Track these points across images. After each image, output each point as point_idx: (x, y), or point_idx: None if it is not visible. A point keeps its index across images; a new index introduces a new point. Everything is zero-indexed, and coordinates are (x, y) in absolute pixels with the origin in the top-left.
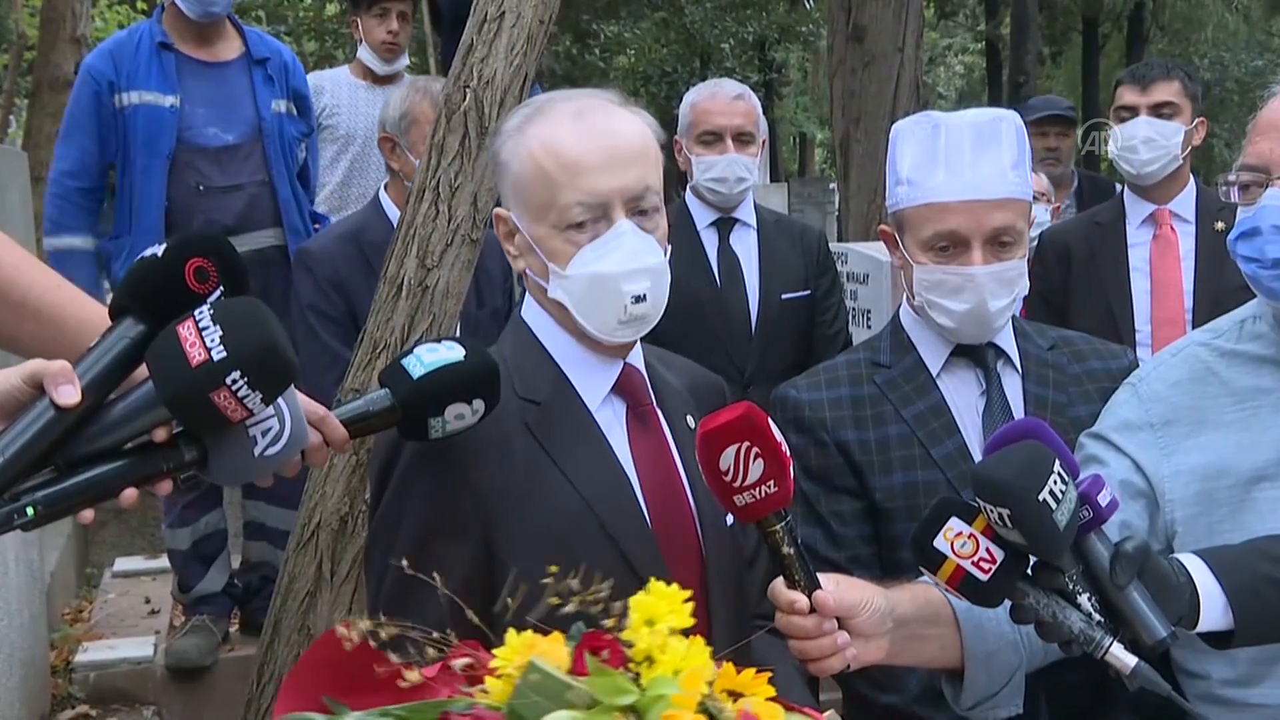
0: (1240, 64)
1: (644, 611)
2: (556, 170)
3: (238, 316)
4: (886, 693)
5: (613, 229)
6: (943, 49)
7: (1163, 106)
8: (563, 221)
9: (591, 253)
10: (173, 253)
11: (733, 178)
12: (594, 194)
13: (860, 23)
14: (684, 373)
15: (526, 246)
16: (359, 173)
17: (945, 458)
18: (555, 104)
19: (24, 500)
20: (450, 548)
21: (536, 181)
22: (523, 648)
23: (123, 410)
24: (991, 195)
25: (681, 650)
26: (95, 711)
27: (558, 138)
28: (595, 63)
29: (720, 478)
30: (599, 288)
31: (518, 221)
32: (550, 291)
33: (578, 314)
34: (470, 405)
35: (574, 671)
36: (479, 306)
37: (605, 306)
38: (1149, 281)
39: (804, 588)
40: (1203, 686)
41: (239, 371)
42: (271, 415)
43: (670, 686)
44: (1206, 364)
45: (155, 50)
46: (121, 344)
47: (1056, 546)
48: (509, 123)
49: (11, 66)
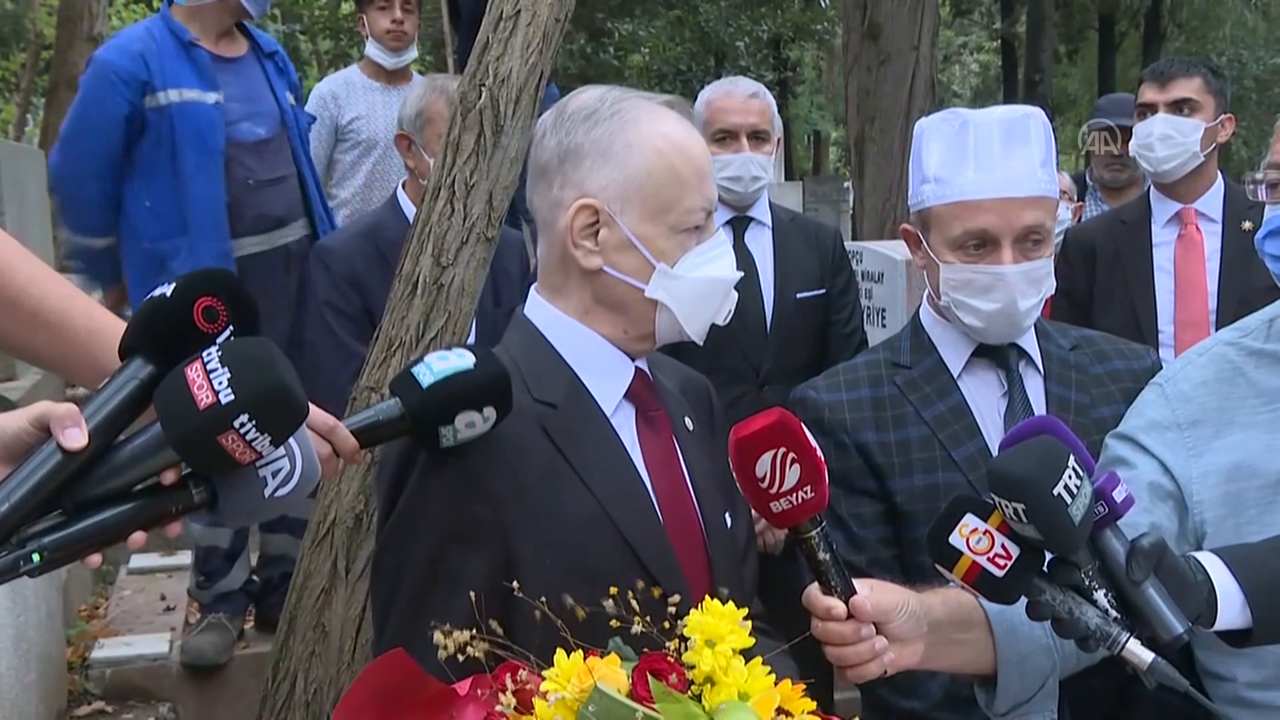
0: (1259, 61)
1: (704, 631)
2: (688, 172)
3: (246, 358)
4: (908, 698)
5: (716, 235)
6: (958, 47)
7: (1181, 104)
8: (683, 224)
9: (700, 256)
10: (181, 292)
11: (747, 176)
12: (711, 200)
13: (875, 21)
14: (673, 374)
15: (623, 243)
16: (381, 177)
17: (967, 460)
18: (648, 102)
19: (30, 546)
20: (467, 556)
21: (666, 181)
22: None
23: (131, 452)
24: (1022, 193)
25: (743, 671)
26: (111, 708)
27: (683, 139)
28: (609, 61)
29: (756, 484)
30: (711, 290)
31: (617, 216)
32: (649, 291)
33: (680, 315)
34: (481, 413)
35: (635, 695)
36: (495, 305)
37: (711, 308)
38: (1173, 281)
39: (840, 594)
40: (1229, 689)
41: (247, 415)
42: (282, 456)
43: (747, 712)
44: (1234, 364)
45: (183, 48)
46: (130, 385)
47: (1072, 541)
48: (620, 115)
49: (29, 65)
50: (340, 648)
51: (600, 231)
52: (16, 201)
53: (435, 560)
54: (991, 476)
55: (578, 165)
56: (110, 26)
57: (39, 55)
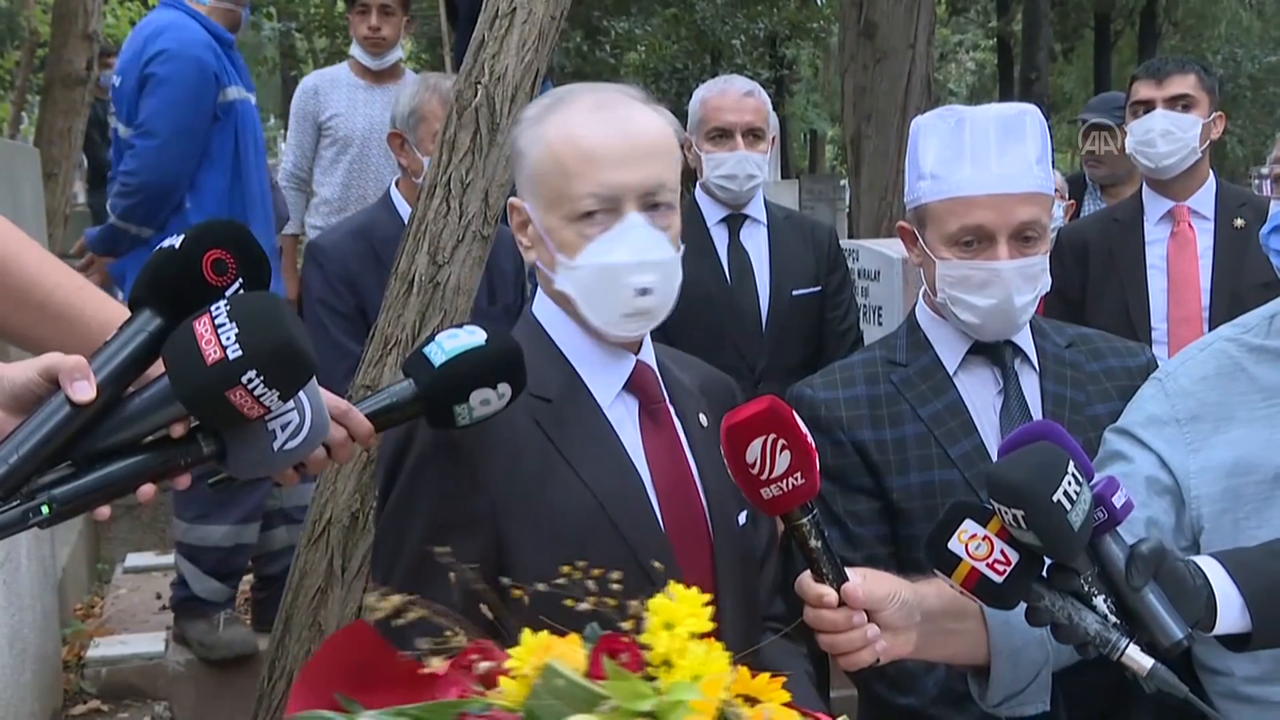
0: (1254, 60)
1: (663, 615)
2: (572, 160)
3: (254, 313)
4: (904, 694)
5: (622, 221)
6: (954, 45)
7: (1178, 100)
8: (574, 212)
9: (599, 245)
10: (190, 244)
11: (743, 175)
12: (607, 186)
13: (872, 19)
14: (695, 372)
15: (538, 237)
16: (358, 174)
17: (962, 457)
18: (576, 95)
19: (40, 499)
20: (460, 544)
21: (552, 171)
22: (539, 649)
23: (139, 405)
24: (1017, 189)
25: (700, 655)
26: (107, 706)
27: (576, 128)
28: (606, 59)
29: (747, 471)
30: (605, 279)
31: (531, 211)
32: (557, 283)
33: (583, 306)
34: (496, 390)
35: (591, 674)
36: (490, 303)
37: (611, 299)
38: (1166, 279)
39: (832, 581)
40: (1225, 684)
41: (255, 370)
42: (291, 409)
43: (690, 692)
44: (1234, 359)
45: (226, 48)
46: (139, 338)
47: (1071, 548)
48: (529, 112)
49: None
50: None
51: (528, 228)
52: (11, 199)
53: (430, 544)
54: (991, 483)
55: (513, 167)
56: (105, 24)
57: (34, 53)
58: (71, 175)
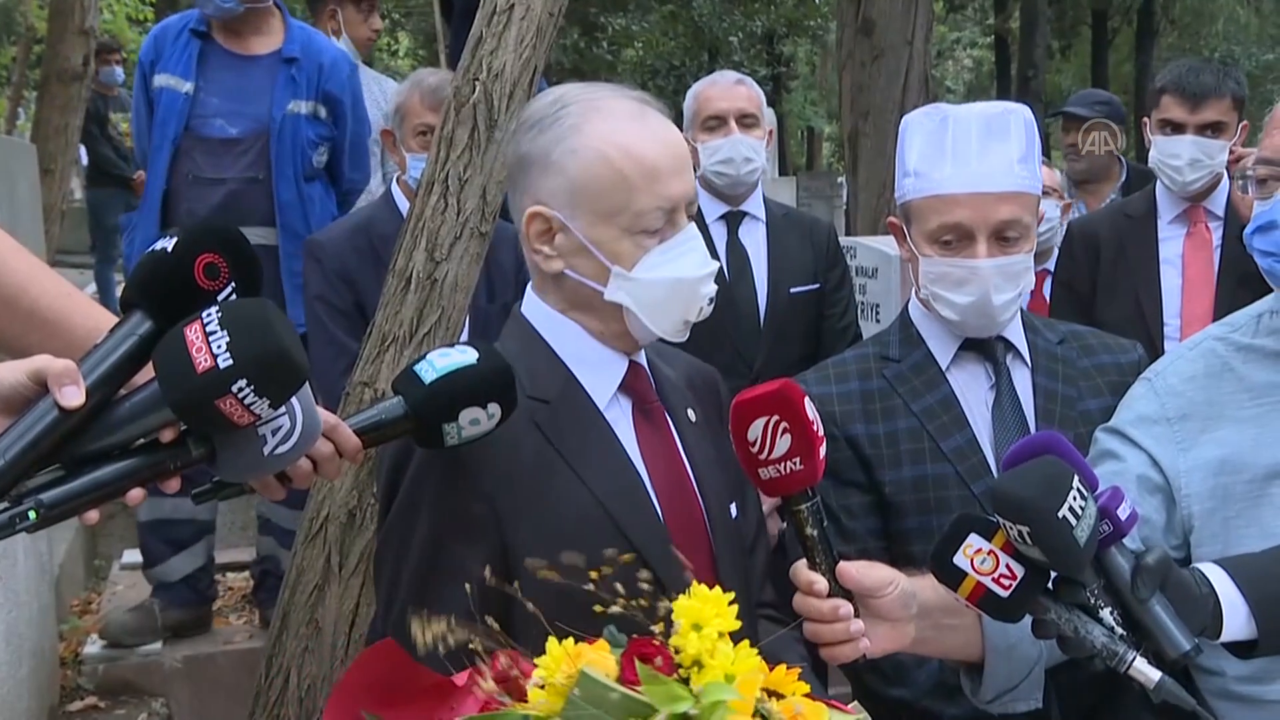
0: (1251, 58)
1: (690, 616)
2: (636, 175)
3: (246, 320)
4: (896, 686)
5: (682, 233)
6: (951, 43)
7: (1210, 126)
8: (637, 226)
9: (661, 256)
10: (183, 247)
11: (739, 158)
12: (669, 199)
13: (869, 16)
14: (680, 366)
15: (577, 248)
16: None
17: (955, 451)
18: (604, 101)
19: (27, 503)
20: (464, 551)
21: (611, 185)
22: (566, 657)
23: (129, 410)
24: (997, 188)
25: (730, 654)
26: (104, 703)
27: (631, 141)
28: (603, 56)
29: (748, 448)
30: (677, 291)
31: (568, 222)
32: (608, 294)
33: (644, 316)
34: (485, 410)
35: (623, 680)
36: (489, 300)
37: (678, 309)
38: (1180, 277)
39: (825, 570)
40: (1218, 683)
41: (245, 380)
42: (282, 414)
43: (729, 692)
44: (1223, 359)
45: (188, 36)
46: (129, 341)
47: (1077, 562)
48: (561, 121)
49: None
50: (333, 643)
51: (556, 237)
52: (8, 195)
53: (434, 553)
54: (996, 498)
55: (527, 173)
56: (102, 20)
57: (30, 49)
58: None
